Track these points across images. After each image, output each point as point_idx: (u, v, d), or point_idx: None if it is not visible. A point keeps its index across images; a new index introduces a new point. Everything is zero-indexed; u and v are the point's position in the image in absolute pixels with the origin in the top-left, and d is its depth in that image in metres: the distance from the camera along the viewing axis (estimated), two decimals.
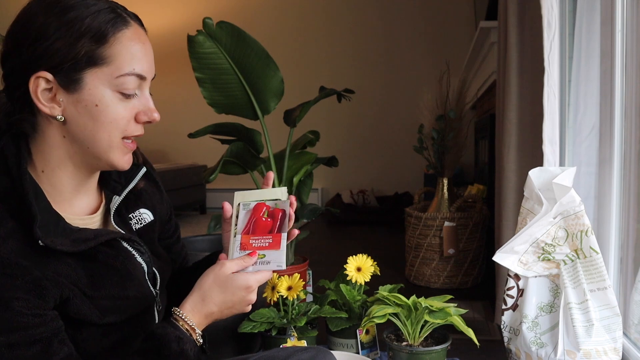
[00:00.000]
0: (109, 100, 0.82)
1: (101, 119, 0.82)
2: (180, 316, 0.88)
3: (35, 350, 0.74)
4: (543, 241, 1.23)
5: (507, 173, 1.83)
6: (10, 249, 0.74)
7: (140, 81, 0.85)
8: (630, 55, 1.39)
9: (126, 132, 0.86)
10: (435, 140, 2.55)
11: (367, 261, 1.51)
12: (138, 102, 0.86)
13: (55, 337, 0.77)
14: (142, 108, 0.86)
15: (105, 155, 0.85)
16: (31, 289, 0.74)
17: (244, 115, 2.10)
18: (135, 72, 0.83)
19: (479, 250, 2.50)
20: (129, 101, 0.84)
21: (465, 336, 1.25)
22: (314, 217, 2.13)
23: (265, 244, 0.92)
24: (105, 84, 0.82)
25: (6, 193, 0.79)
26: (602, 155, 1.53)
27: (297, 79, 3.94)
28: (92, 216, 0.91)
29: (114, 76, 0.82)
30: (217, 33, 1.89)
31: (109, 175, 0.96)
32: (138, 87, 0.85)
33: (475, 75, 3.75)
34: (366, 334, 1.47)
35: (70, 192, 0.88)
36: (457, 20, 4.92)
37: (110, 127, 0.83)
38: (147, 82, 0.87)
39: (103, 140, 0.84)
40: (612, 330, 1.18)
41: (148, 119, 0.87)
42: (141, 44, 0.85)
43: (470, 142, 3.99)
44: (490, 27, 2.81)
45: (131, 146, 0.88)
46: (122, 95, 0.83)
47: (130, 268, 0.90)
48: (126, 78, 0.82)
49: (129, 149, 0.88)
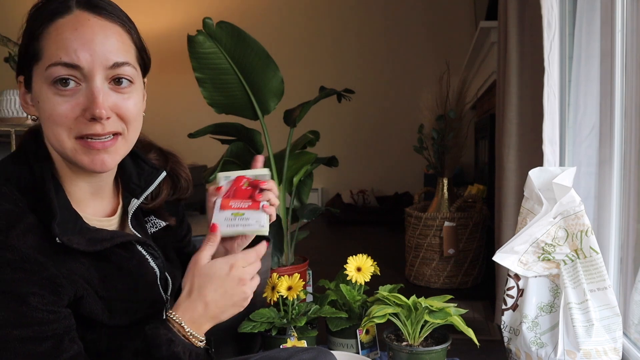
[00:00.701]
0: (45, 96, 0.78)
1: (44, 116, 0.79)
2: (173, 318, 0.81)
3: (46, 346, 0.73)
4: (543, 241, 1.23)
5: (507, 173, 1.83)
6: (29, 244, 0.73)
7: (77, 71, 0.77)
8: (630, 55, 1.39)
9: (74, 131, 0.78)
10: (435, 140, 2.55)
11: (367, 261, 1.51)
12: (82, 97, 0.77)
13: (67, 334, 0.76)
14: (87, 103, 0.77)
15: (66, 155, 0.80)
16: (47, 285, 0.74)
17: (244, 115, 2.10)
18: (62, 61, 0.76)
19: (479, 250, 2.50)
20: (68, 96, 0.77)
21: (465, 336, 1.25)
22: (314, 217, 2.13)
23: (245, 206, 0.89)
24: (41, 78, 0.78)
25: (27, 187, 0.79)
26: (602, 155, 1.53)
27: (297, 79, 3.93)
28: (109, 218, 0.90)
29: (44, 68, 0.77)
30: (217, 33, 1.89)
31: (128, 177, 0.94)
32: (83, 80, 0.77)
33: (475, 75, 3.75)
34: (366, 334, 1.47)
35: (85, 193, 0.87)
36: (457, 20, 4.92)
37: (52, 125, 0.78)
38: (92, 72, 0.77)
39: (53, 140, 0.80)
40: (612, 330, 1.18)
41: (91, 115, 0.77)
42: (73, 31, 0.77)
43: (470, 142, 3.99)
44: (490, 27, 2.81)
45: (96, 144, 0.79)
46: (55, 87, 0.77)
47: (143, 272, 0.89)
48: (52, 68, 0.76)
49: (93, 147, 0.79)
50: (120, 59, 0.80)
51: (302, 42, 5.22)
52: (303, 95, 2.62)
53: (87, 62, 0.77)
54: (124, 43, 0.82)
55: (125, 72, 0.81)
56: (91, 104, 0.77)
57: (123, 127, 0.82)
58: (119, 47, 0.81)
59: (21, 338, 0.72)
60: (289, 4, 5.25)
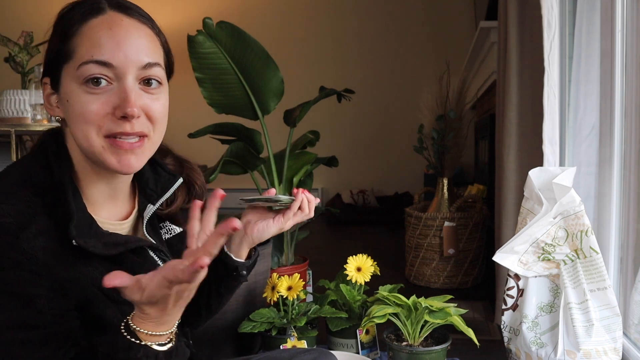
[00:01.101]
0: (76, 95, 0.78)
1: (73, 115, 0.79)
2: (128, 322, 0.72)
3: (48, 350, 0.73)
4: (543, 241, 1.23)
5: (507, 173, 1.83)
6: (39, 247, 0.73)
7: (110, 69, 0.77)
8: (630, 55, 1.39)
9: (104, 129, 0.78)
10: (435, 140, 2.55)
11: (367, 261, 1.51)
12: (114, 95, 0.78)
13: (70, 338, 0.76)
14: (118, 102, 0.78)
15: (94, 155, 0.80)
16: (55, 288, 0.73)
17: (244, 115, 2.10)
18: (95, 59, 0.76)
19: (479, 250, 2.50)
20: (99, 94, 0.77)
21: (465, 336, 1.25)
22: (314, 217, 2.13)
23: None
24: (73, 78, 0.78)
25: (45, 188, 0.79)
26: (602, 155, 1.53)
27: (297, 79, 3.93)
28: (122, 222, 0.90)
29: (76, 67, 0.77)
30: (217, 33, 1.89)
31: (145, 182, 0.94)
32: (115, 79, 0.78)
33: (475, 75, 3.75)
34: (366, 334, 1.47)
35: (100, 197, 0.86)
36: (457, 20, 4.92)
37: (82, 123, 0.78)
38: (124, 71, 0.78)
39: (82, 140, 0.79)
40: (612, 330, 1.18)
41: (122, 113, 0.77)
42: (107, 30, 0.78)
43: (470, 142, 3.99)
44: (490, 27, 2.81)
45: (125, 144, 0.79)
46: (86, 86, 0.77)
47: None
48: (84, 67, 0.77)
49: (121, 147, 0.79)
50: (151, 60, 0.81)
51: (302, 42, 5.22)
52: (303, 95, 2.62)
53: (121, 61, 0.78)
54: (155, 44, 0.83)
55: (155, 73, 0.82)
56: (123, 102, 0.77)
57: (150, 128, 0.82)
58: (150, 48, 0.82)
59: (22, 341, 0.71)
60: (289, 4, 5.25)
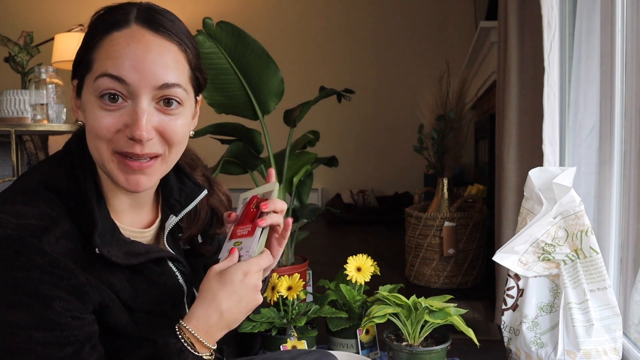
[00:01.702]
0: (91, 107, 0.76)
1: (87, 126, 0.78)
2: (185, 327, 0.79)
3: (67, 352, 0.73)
4: (543, 241, 1.23)
5: (507, 173, 1.83)
6: (60, 250, 0.73)
7: (123, 86, 0.75)
8: (630, 55, 1.39)
9: (113, 145, 0.76)
10: (435, 140, 2.55)
11: (367, 261, 1.51)
12: (126, 114, 0.76)
13: (89, 341, 0.76)
14: (129, 122, 0.75)
15: (105, 169, 0.79)
16: (73, 292, 0.74)
17: (244, 115, 2.10)
18: (108, 72, 0.74)
19: (479, 250, 2.50)
20: (112, 111, 0.75)
21: (465, 336, 1.25)
22: (314, 217, 2.13)
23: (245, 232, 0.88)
24: (90, 89, 0.77)
25: (69, 194, 0.79)
26: (602, 155, 1.53)
27: (297, 79, 3.93)
28: (144, 230, 0.90)
29: (93, 79, 0.76)
30: (217, 33, 1.89)
31: (170, 192, 0.93)
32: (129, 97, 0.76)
33: (475, 75, 3.75)
34: (366, 334, 1.47)
35: (123, 204, 0.86)
36: (457, 20, 4.92)
37: (92, 136, 0.77)
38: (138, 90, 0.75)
39: (94, 151, 0.79)
40: (612, 330, 1.18)
41: (130, 135, 0.75)
42: (125, 45, 0.75)
43: (470, 142, 3.99)
44: (490, 27, 2.81)
45: (133, 165, 0.77)
46: (101, 101, 0.75)
47: (171, 288, 0.89)
48: (99, 80, 0.75)
49: (129, 167, 0.77)
50: (171, 80, 0.77)
51: (302, 42, 5.22)
52: (303, 95, 2.62)
53: (135, 80, 0.75)
54: (178, 63, 0.79)
55: (174, 94, 0.78)
56: (133, 124, 0.75)
57: (165, 149, 0.80)
58: (171, 67, 0.78)
59: (43, 342, 0.71)
60: (289, 4, 5.25)
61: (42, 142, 3.44)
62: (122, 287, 0.81)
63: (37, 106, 2.45)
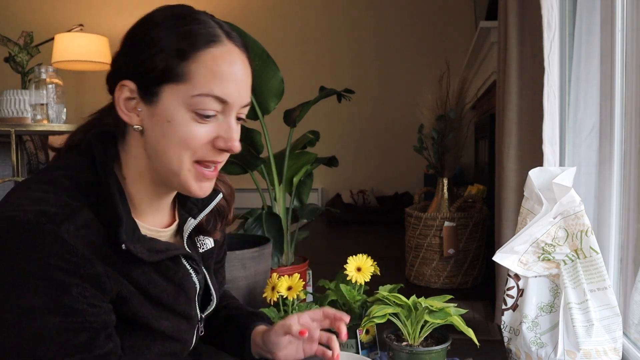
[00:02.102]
0: (181, 119, 0.78)
1: (171, 136, 0.79)
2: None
3: (82, 338, 0.73)
4: (543, 241, 1.23)
5: (507, 173, 1.83)
6: (80, 240, 0.73)
7: (222, 105, 0.79)
8: (630, 55, 1.39)
9: (197, 155, 0.80)
10: (435, 140, 2.55)
11: (367, 261, 1.51)
12: (218, 127, 0.80)
13: (104, 330, 0.76)
14: (221, 133, 0.81)
15: (176, 177, 0.82)
16: (90, 280, 0.74)
17: None
18: (214, 94, 0.78)
19: (479, 250, 2.50)
20: (205, 124, 0.79)
21: (465, 336, 1.25)
22: (314, 217, 2.13)
23: None
24: (180, 101, 0.78)
25: (89, 188, 0.79)
26: (602, 155, 1.53)
27: (297, 79, 3.93)
28: (161, 229, 0.91)
29: (190, 95, 0.77)
30: None
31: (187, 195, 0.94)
32: (221, 112, 0.80)
33: (475, 75, 3.75)
34: (366, 334, 1.47)
35: (145, 205, 0.87)
36: (457, 20, 4.92)
37: (179, 146, 0.79)
38: (232, 108, 0.81)
39: (173, 160, 0.80)
40: (612, 330, 1.18)
41: (225, 147, 0.81)
42: (229, 65, 0.79)
43: (470, 142, 3.99)
44: (490, 27, 2.81)
45: (208, 174, 0.83)
46: (197, 115, 0.78)
47: (185, 285, 0.91)
48: (202, 98, 0.77)
49: (204, 176, 0.82)
50: (249, 99, 0.85)
51: (302, 42, 5.22)
52: (303, 95, 2.62)
53: (235, 100, 0.81)
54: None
55: (245, 112, 0.85)
56: (228, 137, 0.81)
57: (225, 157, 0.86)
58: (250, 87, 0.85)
59: (58, 327, 0.71)
60: (289, 4, 5.25)
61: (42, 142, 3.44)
62: (144, 280, 0.82)
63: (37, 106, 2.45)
